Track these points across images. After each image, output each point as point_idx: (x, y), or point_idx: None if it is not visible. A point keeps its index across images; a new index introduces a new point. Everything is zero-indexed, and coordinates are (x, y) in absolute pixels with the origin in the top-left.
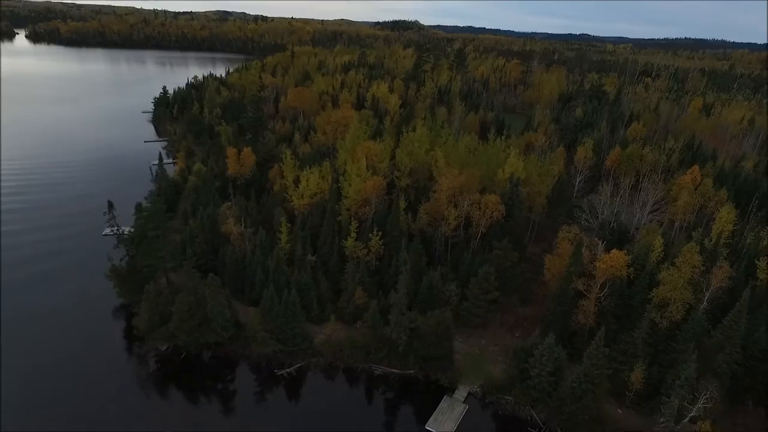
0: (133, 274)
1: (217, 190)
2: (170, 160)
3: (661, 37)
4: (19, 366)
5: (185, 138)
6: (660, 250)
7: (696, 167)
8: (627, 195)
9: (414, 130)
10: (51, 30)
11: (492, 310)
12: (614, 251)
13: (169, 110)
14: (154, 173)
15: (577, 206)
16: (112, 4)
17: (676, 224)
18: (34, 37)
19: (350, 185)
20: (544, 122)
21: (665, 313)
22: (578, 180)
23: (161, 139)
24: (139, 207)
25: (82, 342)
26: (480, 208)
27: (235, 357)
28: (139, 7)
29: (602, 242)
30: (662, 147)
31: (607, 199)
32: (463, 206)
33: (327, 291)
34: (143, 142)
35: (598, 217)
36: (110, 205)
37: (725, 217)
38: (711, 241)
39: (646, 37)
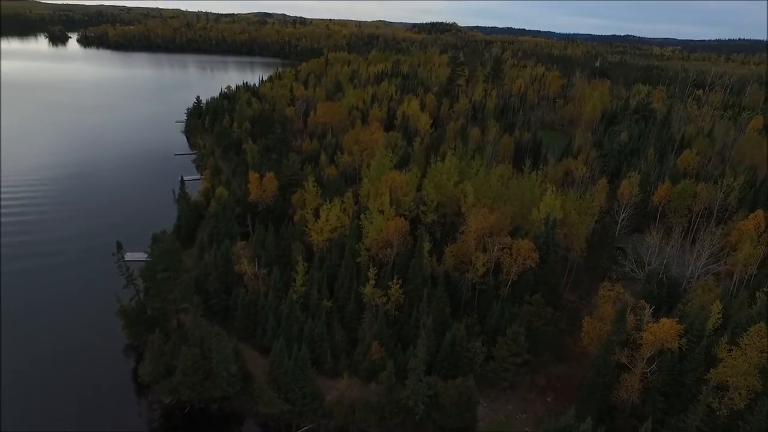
0: (142, 315)
1: (237, 217)
2: (198, 176)
3: (712, 38)
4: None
5: (213, 153)
6: (718, 316)
7: (760, 213)
8: (679, 243)
9: (443, 159)
10: (100, 34)
11: (521, 372)
12: (664, 320)
13: (201, 121)
14: (177, 195)
15: (619, 248)
16: (160, 6)
17: (735, 276)
18: (84, 42)
19: (371, 223)
20: (584, 148)
21: (725, 398)
22: (621, 218)
23: (192, 152)
24: (154, 238)
25: (86, 385)
26: (511, 254)
27: (242, 412)
28: (184, 9)
29: (650, 307)
30: (720, 183)
31: (656, 249)
32: (493, 251)
33: (342, 341)
34: (173, 155)
35: (644, 266)
36: (119, 246)
37: None
38: None
39: (695, 38)
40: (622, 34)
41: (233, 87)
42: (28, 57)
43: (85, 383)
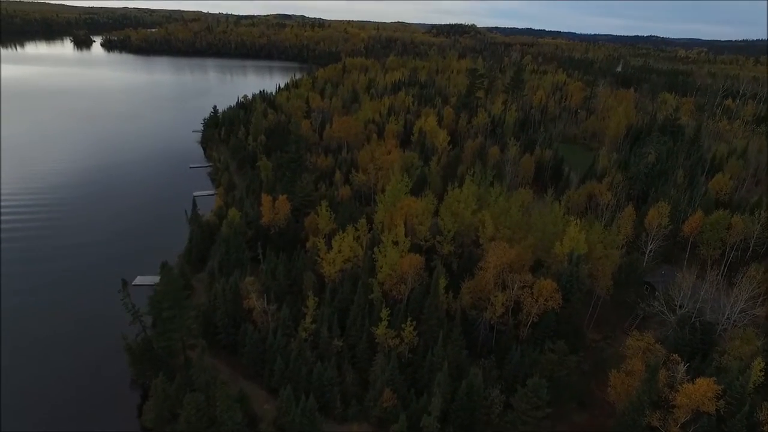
0: (148, 353)
1: (248, 242)
2: (213, 191)
3: (739, 38)
4: None
5: (227, 168)
6: (760, 373)
7: None
8: (714, 286)
9: (460, 185)
10: (123, 38)
11: (542, 424)
12: (700, 381)
13: (217, 132)
14: (189, 214)
15: (647, 283)
16: (182, 9)
17: None
18: (107, 46)
19: (385, 256)
20: (609, 170)
21: None
22: (649, 249)
23: (207, 164)
24: (163, 268)
25: (89, 424)
26: (533, 294)
27: None
28: (205, 11)
29: (684, 364)
30: (756, 215)
31: (688, 291)
32: (513, 289)
33: (352, 384)
34: (189, 167)
35: (675, 308)
36: (124, 283)
37: None
38: None
39: (721, 39)
40: (645, 35)
41: (250, 95)
42: (53, 62)
43: (88, 421)
